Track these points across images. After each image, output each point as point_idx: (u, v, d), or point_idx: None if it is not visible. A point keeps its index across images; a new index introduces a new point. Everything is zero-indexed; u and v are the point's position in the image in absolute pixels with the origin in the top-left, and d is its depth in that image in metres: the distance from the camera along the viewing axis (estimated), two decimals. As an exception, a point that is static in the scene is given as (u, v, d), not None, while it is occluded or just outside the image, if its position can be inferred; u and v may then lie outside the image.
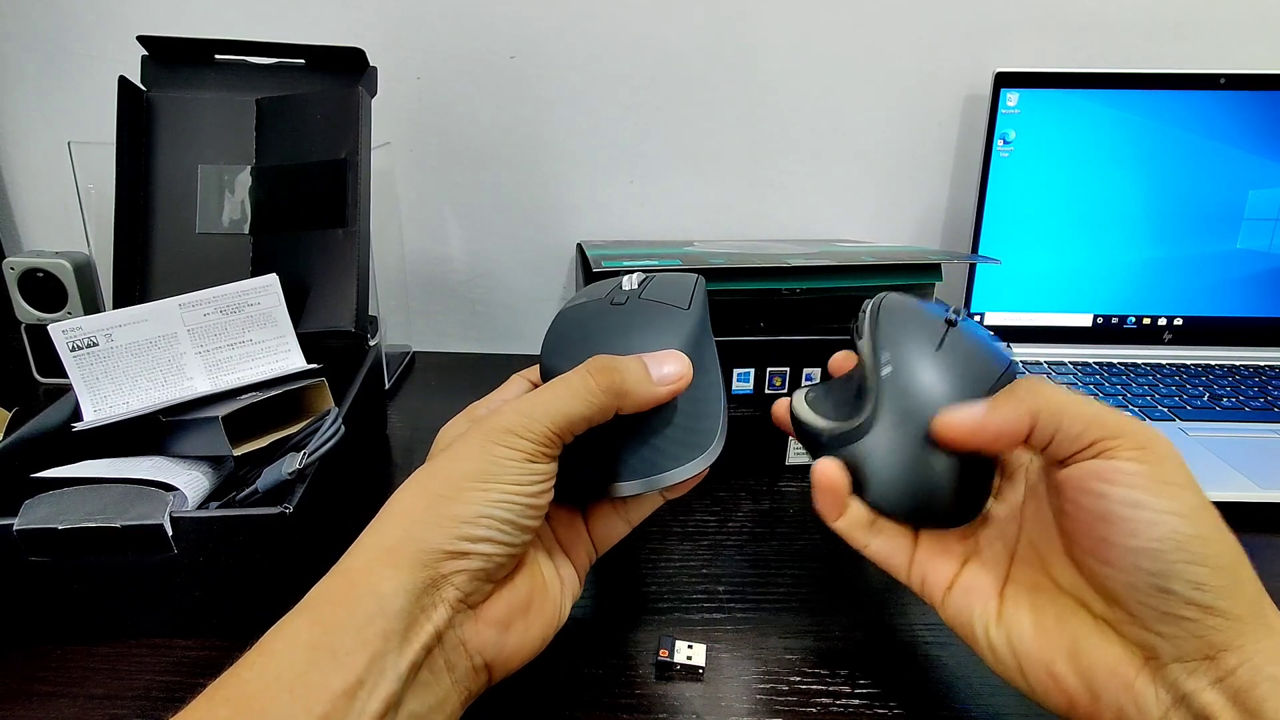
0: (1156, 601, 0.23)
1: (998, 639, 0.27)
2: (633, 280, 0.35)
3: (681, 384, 0.29)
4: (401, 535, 0.25)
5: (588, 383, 0.28)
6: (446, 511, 0.25)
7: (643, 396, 0.28)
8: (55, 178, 0.68)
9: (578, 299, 0.35)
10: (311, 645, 0.22)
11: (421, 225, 0.71)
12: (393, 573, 0.24)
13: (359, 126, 0.50)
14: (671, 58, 0.65)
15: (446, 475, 0.26)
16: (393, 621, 0.23)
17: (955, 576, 0.29)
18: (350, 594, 0.24)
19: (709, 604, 0.38)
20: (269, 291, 0.46)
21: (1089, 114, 0.62)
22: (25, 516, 0.32)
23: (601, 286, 0.35)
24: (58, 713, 0.31)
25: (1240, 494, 0.46)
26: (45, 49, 0.66)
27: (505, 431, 0.26)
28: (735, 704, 0.32)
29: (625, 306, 0.33)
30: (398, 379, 0.66)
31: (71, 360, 0.42)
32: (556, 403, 0.27)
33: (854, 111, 0.67)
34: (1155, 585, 0.23)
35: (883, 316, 0.32)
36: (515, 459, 0.26)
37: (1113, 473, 0.24)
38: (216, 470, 0.40)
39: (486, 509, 0.25)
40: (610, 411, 0.28)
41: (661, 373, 0.29)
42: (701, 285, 0.36)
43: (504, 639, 0.27)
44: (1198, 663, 0.23)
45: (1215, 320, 0.66)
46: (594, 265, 0.46)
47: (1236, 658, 0.22)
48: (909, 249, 0.56)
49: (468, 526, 0.25)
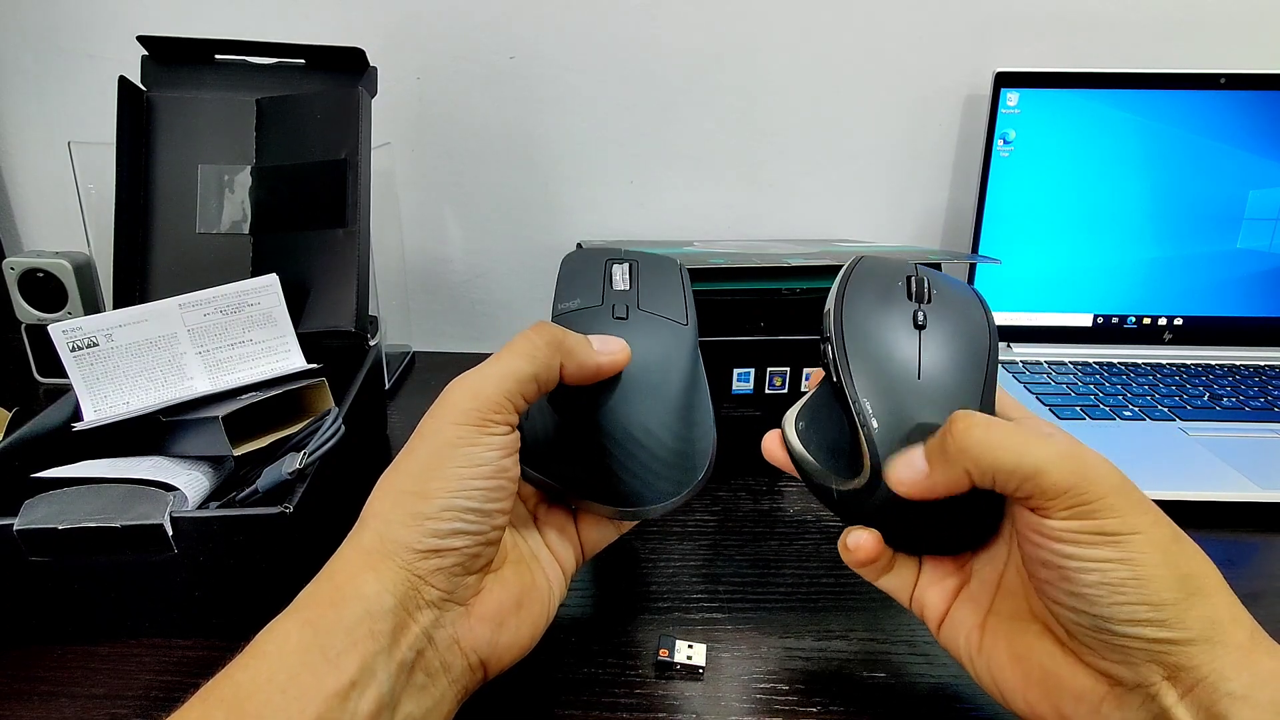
0: (1103, 636, 0.23)
1: (981, 669, 0.28)
2: (624, 277, 0.34)
3: (622, 357, 0.30)
4: (375, 538, 0.25)
5: (530, 339, 0.28)
6: (411, 509, 0.25)
7: (584, 359, 0.29)
8: (55, 178, 0.68)
9: (569, 302, 0.34)
10: (302, 647, 0.23)
11: (421, 225, 0.71)
12: (374, 575, 0.24)
13: (359, 126, 0.50)
14: (671, 58, 0.65)
15: (408, 469, 0.26)
16: (379, 622, 0.23)
17: (948, 608, 0.29)
18: (336, 596, 0.24)
19: (709, 604, 0.38)
20: (269, 291, 0.46)
21: (1089, 114, 0.62)
22: (25, 516, 0.32)
23: (591, 283, 0.34)
24: (58, 713, 0.31)
25: (1240, 494, 0.46)
26: (45, 49, 0.66)
27: (452, 406, 0.26)
28: (735, 704, 0.32)
29: (627, 322, 0.32)
30: (398, 379, 0.66)
31: (71, 360, 0.42)
32: (500, 365, 0.27)
33: (854, 111, 0.67)
34: (1095, 625, 0.23)
35: (849, 338, 0.30)
36: (468, 435, 0.26)
37: (1045, 528, 0.24)
38: (216, 470, 0.40)
39: (448, 499, 0.25)
40: (554, 371, 0.28)
41: (605, 344, 0.30)
42: (688, 280, 0.36)
43: (497, 636, 0.27)
44: (1160, 684, 0.23)
45: (1215, 320, 0.66)
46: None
47: (1193, 677, 0.22)
48: (909, 249, 0.56)
49: (433, 523, 0.25)
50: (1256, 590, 0.40)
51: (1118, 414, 0.55)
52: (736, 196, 0.70)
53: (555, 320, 0.32)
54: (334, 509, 0.40)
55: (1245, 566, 0.42)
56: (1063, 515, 0.23)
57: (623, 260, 0.35)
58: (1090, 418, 0.55)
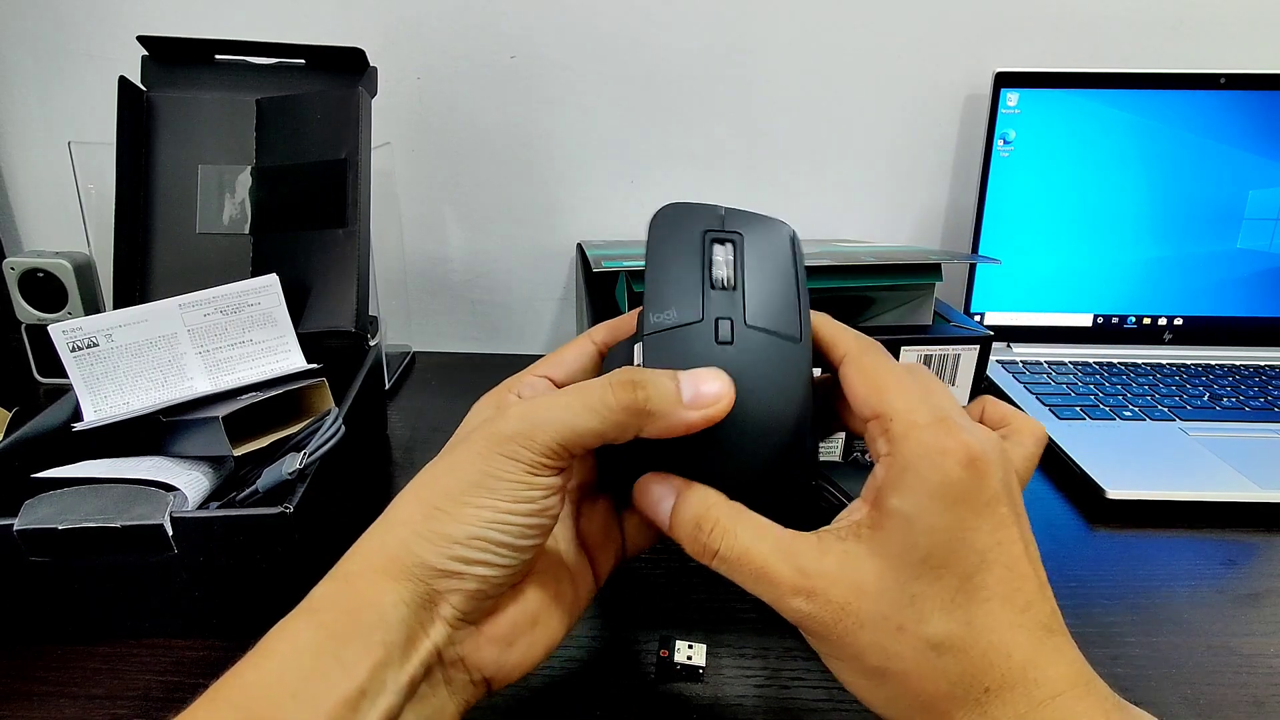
0: None
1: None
2: (727, 262, 0.28)
3: (717, 409, 0.25)
4: (398, 546, 0.24)
5: (606, 397, 0.24)
6: (439, 528, 0.24)
7: (670, 421, 0.24)
8: (55, 178, 0.68)
9: (664, 314, 0.27)
10: (315, 650, 0.22)
11: (421, 225, 0.71)
12: (391, 584, 0.24)
13: (359, 126, 0.50)
14: (672, 57, 0.65)
15: (445, 485, 0.25)
16: (393, 633, 0.23)
17: None
18: (352, 600, 0.23)
19: (709, 604, 0.38)
20: (269, 291, 0.46)
21: (1089, 114, 0.62)
22: (26, 516, 0.32)
23: (689, 272, 0.28)
24: (58, 713, 0.31)
25: (1240, 494, 0.46)
26: (45, 49, 0.66)
27: (507, 439, 0.24)
28: (735, 704, 0.32)
29: (732, 347, 0.26)
30: (398, 379, 0.66)
31: (72, 360, 0.42)
32: (567, 414, 0.24)
33: (854, 111, 0.67)
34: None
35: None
36: (514, 471, 0.24)
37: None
38: (217, 470, 0.40)
39: (480, 529, 0.24)
40: (630, 432, 0.25)
41: (697, 392, 0.25)
42: (800, 259, 0.29)
43: (505, 656, 0.26)
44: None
45: (1215, 320, 0.66)
46: (594, 265, 0.46)
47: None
48: (909, 249, 0.56)
49: (460, 548, 0.24)
50: (1256, 590, 0.40)
51: (1118, 414, 0.55)
52: (737, 196, 0.70)
53: (648, 337, 0.27)
54: (334, 509, 0.40)
55: (1245, 566, 0.42)
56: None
57: (725, 238, 0.29)
58: (1090, 418, 0.55)
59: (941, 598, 0.22)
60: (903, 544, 0.23)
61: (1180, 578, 0.41)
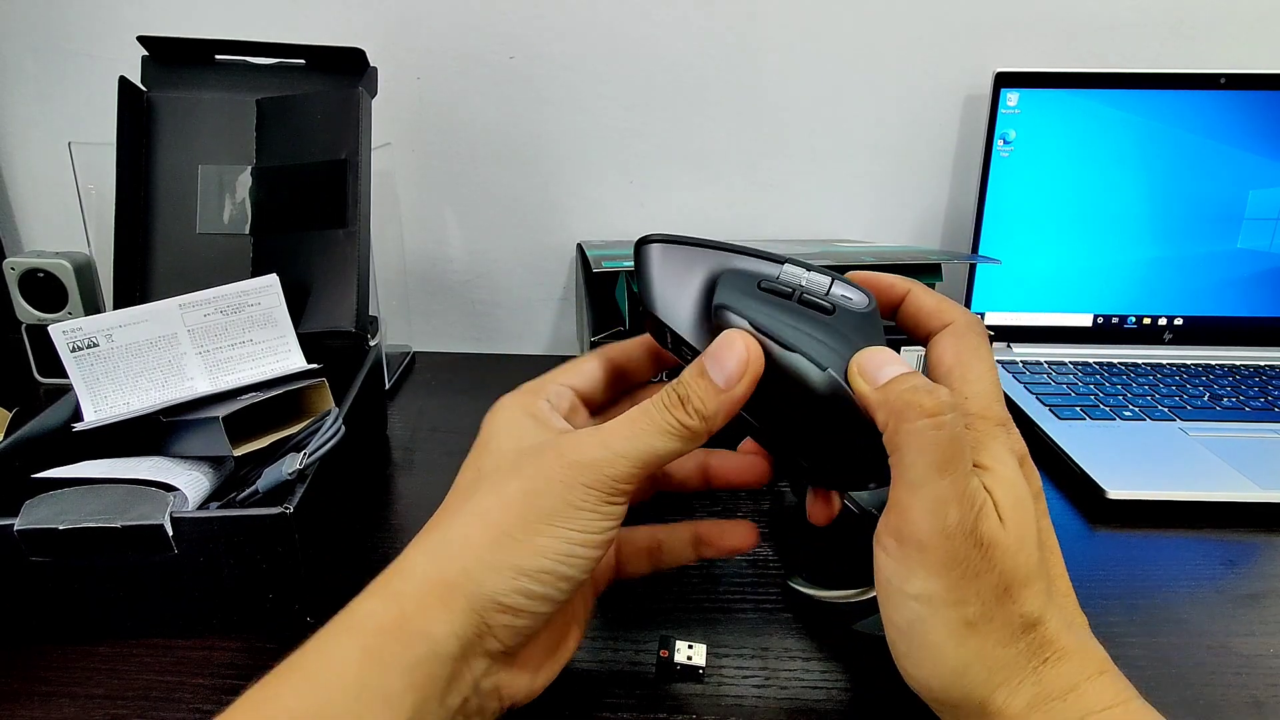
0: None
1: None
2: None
3: (754, 369, 0.25)
4: (459, 572, 0.23)
5: (667, 418, 0.25)
6: (510, 559, 0.23)
7: (722, 410, 0.25)
8: (55, 178, 0.68)
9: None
10: (361, 681, 0.22)
11: (421, 225, 0.71)
12: (446, 615, 0.23)
13: (359, 127, 0.50)
14: (672, 57, 0.65)
15: (520, 510, 0.24)
16: (441, 667, 0.22)
17: None
18: (403, 628, 0.23)
19: (709, 604, 0.38)
20: (269, 292, 0.46)
21: (1089, 114, 0.62)
22: (26, 517, 0.32)
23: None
24: (58, 713, 0.31)
25: (1240, 494, 0.46)
26: (45, 49, 0.66)
27: (587, 466, 0.24)
28: (735, 704, 0.32)
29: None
30: (398, 379, 0.66)
31: (72, 360, 0.42)
32: (643, 438, 0.24)
33: (854, 111, 0.67)
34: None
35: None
36: (592, 500, 0.24)
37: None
38: (217, 470, 0.40)
39: (551, 564, 0.23)
40: (700, 438, 0.25)
41: (726, 372, 0.25)
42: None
43: (534, 683, 0.26)
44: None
45: (1215, 320, 0.66)
46: (594, 265, 0.46)
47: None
48: (909, 249, 0.56)
49: (528, 581, 0.23)
50: (1256, 591, 0.40)
51: (1118, 414, 0.55)
52: (737, 196, 0.70)
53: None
54: (334, 509, 0.40)
55: (1245, 566, 0.42)
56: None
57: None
58: (1090, 418, 0.55)
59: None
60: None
61: (1180, 578, 0.41)
